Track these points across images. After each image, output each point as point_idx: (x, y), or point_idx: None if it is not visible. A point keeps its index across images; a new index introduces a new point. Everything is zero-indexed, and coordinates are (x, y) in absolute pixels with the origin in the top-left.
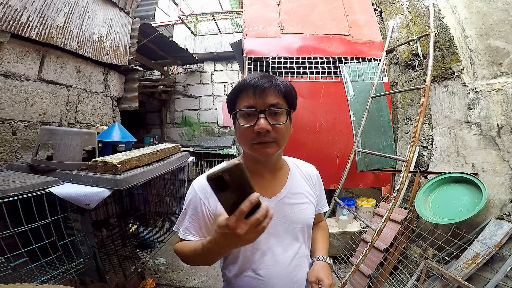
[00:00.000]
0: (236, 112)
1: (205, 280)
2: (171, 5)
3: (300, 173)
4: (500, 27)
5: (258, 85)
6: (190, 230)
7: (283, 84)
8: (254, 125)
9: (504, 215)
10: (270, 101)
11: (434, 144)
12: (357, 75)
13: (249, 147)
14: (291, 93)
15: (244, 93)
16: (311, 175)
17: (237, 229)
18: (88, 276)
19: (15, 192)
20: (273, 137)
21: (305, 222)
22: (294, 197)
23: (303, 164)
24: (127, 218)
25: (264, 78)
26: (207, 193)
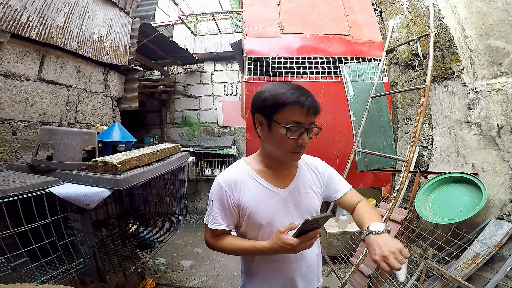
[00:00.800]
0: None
1: (205, 280)
2: (171, 5)
3: (306, 166)
4: (500, 27)
5: (312, 106)
6: (218, 220)
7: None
8: (298, 139)
9: (504, 215)
10: (313, 119)
11: (434, 144)
12: (357, 75)
13: (284, 153)
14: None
15: (296, 108)
16: (316, 166)
17: (296, 249)
18: (88, 276)
19: (15, 192)
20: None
21: (314, 208)
22: (302, 187)
23: (309, 158)
24: (127, 218)
25: (312, 97)
26: (231, 186)
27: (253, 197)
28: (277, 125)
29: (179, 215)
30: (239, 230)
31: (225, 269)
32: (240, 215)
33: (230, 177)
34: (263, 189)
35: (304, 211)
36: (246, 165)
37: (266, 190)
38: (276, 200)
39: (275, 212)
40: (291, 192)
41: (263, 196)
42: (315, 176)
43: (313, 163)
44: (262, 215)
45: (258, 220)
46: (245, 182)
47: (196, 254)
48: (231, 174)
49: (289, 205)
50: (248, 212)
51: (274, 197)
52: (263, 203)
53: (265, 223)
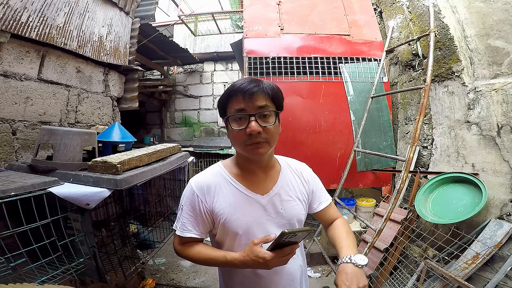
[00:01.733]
0: (228, 116)
1: (205, 280)
2: (171, 5)
3: (291, 171)
4: (500, 27)
5: (247, 90)
6: (187, 226)
7: (270, 87)
8: (246, 128)
9: (504, 215)
10: (259, 104)
11: (434, 144)
12: (357, 75)
13: (242, 148)
14: (278, 95)
15: (234, 98)
16: (302, 172)
17: (270, 263)
18: (88, 276)
19: (15, 192)
20: (264, 138)
21: (296, 217)
22: (285, 194)
23: (294, 162)
24: (127, 218)
25: (252, 82)
26: (203, 190)
27: (229, 203)
28: (227, 121)
29: None
30: (214, 238)
31: None
32: (214, 222)
33: (203, 180)
34: (240, 194)
35: (285, 221)
36: (223, 167)
37: (243, 196)
38: (254, 207)
39: (252, 220)
40: (272, 199)
41: (239, 202)
42: (300, 182)
43: (298, 168)
44: (238, 223)
45: (233, 228)
46: (220, 186)
47: None
48: (205, 177)
49: (270, 213)
50: (223, 220)
51: (252, 204)
52: (239, 210)
53: (241, 232)
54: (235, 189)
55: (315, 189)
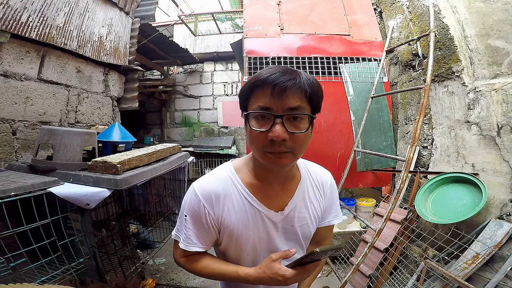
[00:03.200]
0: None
1: (205, 280)
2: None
3: (311, 181)
4: (500, 27)
5: (278, 83)
6: (192, 239)
7: (309, 82)
8: (269, 131)
9: (504, 215)
10: (291, 103)
11: (434, 144)
12: (357, 75)
13: (260, 154)
14: (317, 93)
15: (260, 90)
16: (324, 184)
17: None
18: (88, 276)
19: (15, 192)
20: (290, 147)
21: (305, 235)
22: (299, 211)
23: (317, 171)
24: (127, 218)
25: (286, 74)
26: (212, 200)
27: (238, 217)
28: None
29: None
30: (219, 247)
31: None
32: (220, 233)
33: (210, 188)
34: (251, 209)
35: (294, 236)
36: (235, 173)
37: (255, 211)
38: (265, 224)
39: (262, 238)
40: (286, 217)
41: (250, 218)
42: (318, 197)
43: (320, 179)
44: (247, 241)
45: (240, 244)
46: (230, 196)
47: None
48: (213, 184)
49: (280, 229)
50: (231, 234)
51: (264, 221)
52: (249, 226)
53: (248, 247)
54: (247, 202)
55: (330, 205)
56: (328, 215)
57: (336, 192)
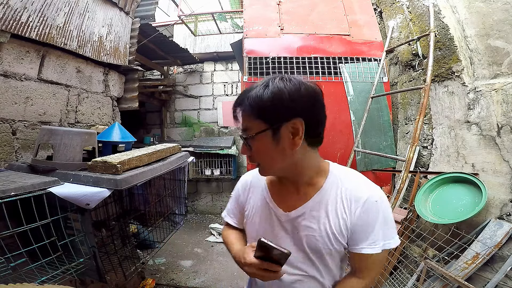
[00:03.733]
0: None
1: (205, 280)
2: (171, 5)
3: (337, 194)
4: (500, 27)
5: (232, 112)
6: (228, 212)
7: (253, 101)
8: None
9: (504, 215)
10: (243, 126)
11: (434, 144)
12: (357, 75)
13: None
14: (268, 107)
15: None
16: (353, 200)
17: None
18: (88, 276)
19: (15, 192)
20: (257, 161)
21: (313, 248)
22: (310, 219)
23: (353, 185)
24: (127, 218)
25: (237, 99)
26: (245, 187)
27: (253, 207)
28: None
29: (179, 215)
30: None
31: (225, 269)
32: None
33: (248, 178)
34: (264, 203)
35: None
36: None
37: (266, 206)
38: (271, 220)
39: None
40: (293, 220)
41: (261, 210)
42: (341, 211)
43: (351, 193)
44: (253, 228)
45: (248, 230)
46: (256, 188)
47: (196, 254)
48: (252, 176)
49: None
50: (246, 218)
51: (271, 216)
52: (258, 216)
53: (254, 235)
54: (263, 197)
55: (361, 228)
56: (358, 240)
57: (375, 215)
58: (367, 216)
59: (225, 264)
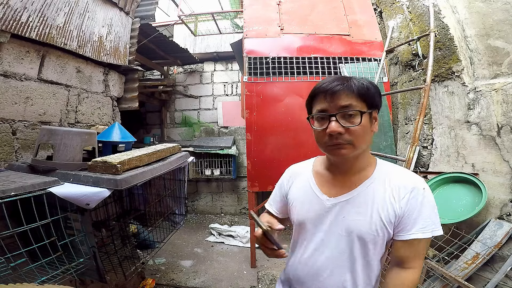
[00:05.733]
0: (309, 116)
1: (205, 280)
2: (171, 5)
3: (386, 182)
4: (500, 27)
5: (328, 89)
6: (270, 201)
7: (358, 84)
8: (326, 128)
9: (504, 215)
10: (341, 103)
11: (434, 144)
12: (357, 75)
13: (324, 148)
14: (369, 92)
15: (317, 98)
16: (402, 187)
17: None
18: (88, 276)
19: (15, 192)
20: (347, 139)
21: (357, 233)
22: (357, 204)
23: (400, 175)
24: (127, 218)
25: (336, 80)
26: (291, 176)
27: (298, 195)
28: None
29: (179, 215)
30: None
31: (225, 269)
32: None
33: (295, 168)
34: (309, 190)
35: (344, 232)
36: (312, 162)
37: (311, 192)
38: (316, 206)
39: (310, 217)
40: (338, 205)
41: (306, 196)
42: (390, 198)
43: (400, 182)
44: (298, 213)
45: (292, 215)
46: (300, 177)
47: (196, 254)
48: (298, 166)
49: (329, 216)
50: (291, 205)
51: (315, 202)
52: (302, 203)
53: (297, 222)
54: (308, 185)
55: (411, 213)
56: (407, 226)
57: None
58: (415, 202)
59: (225, 264)
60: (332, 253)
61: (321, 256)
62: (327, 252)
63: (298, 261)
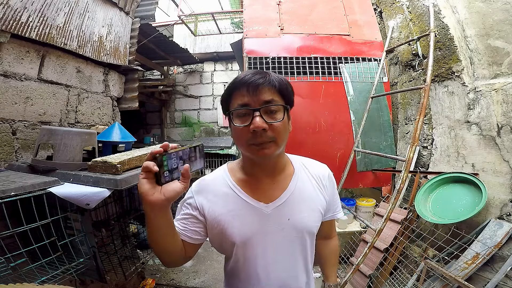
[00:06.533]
0: (230, 111)
1: (205, 280)
2: (171, 5)
3: (307, 174)
4: (500, 27)
5: (251, 82)
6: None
7: (278, 79)
8: (250, 124)
9: (504, 215)
10: (265, 97)
11: (434, 144)
12: (357, 75)
13: (245, 148)
14: (287, 88)
15: (238, 91)
16: (321, 177)
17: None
18: (88, 276)
19: (15, 192)
20: (270, 137)
21: (307, 229)
22: (296, 202)
23: (313, 164)
24: (127, 218)
25: (257, 74)
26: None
27: (227, 211)
28: (230, 117)
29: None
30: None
31: None
32: (208, 224)
33: (203, 183)
34: (240, 202)
35: (294, 233)
36: (227, 171)
37: (244, 203)
38: (256, 217)
39: (253, 231)
40: (278, 209)
41: (239, 210)
42: (317, 188)
43: (317, 171)
44: (236, 233)
45: (230, 237)
46: (220, 191)
47: (196, 254)
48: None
49: (274, 224)
50: (218, 225)
51: (254, 213)
52: (238, 219)
53: (238, 242)
54: (235, 196)
55: (332, 197)
56: (332, 208)
57: (335, 186)
58: (333, 187)
59: None
60: (289, 258)
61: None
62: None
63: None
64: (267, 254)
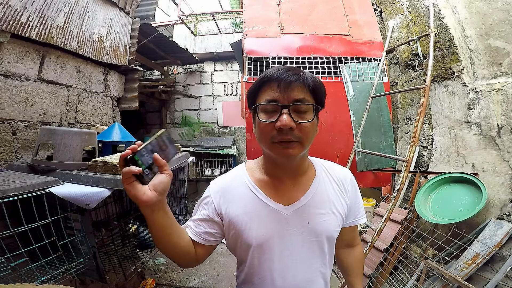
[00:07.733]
0: (256, 105)
1: (205, 280)
2: (171, 5)
3: (329, 177)
4: (500, 27)
5: (283, 78)
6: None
7: (312, 78)
8: (276, 121)
9: (504, 215)
10: (296, 96)
11: (434, 144)
12: (357, 75)
13: (268, 146)
14: (320, 89)
15: (267, 86)
16: (343, 181)
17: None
18: (88, 276)
19: (15, 192)
20: (297, 136)
21: (326, 234)
22: (316, 205)
23: (334, 167)
24: (127, 218)
25: (290, 70)
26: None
27: (244, 212)
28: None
29: (179, 215)
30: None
31: (225, 269)
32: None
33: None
34: (259, 203)
35: (313, 237)
36: (245, 170)
37: (263, 205)
38: (274, 219)
39: (270, 233)
40: (298, 212)
41: (257, 212)
42: (338, 192)
43: (339, 175)
44: (253, 235)
45: (246, 239)
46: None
47: None
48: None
49: (294, 227)
50: (236, 226)
51: (272, 215)
52: (256, 220)
53: (255, 244)
54: (254, 196)
55: (354, 202)
56: (355, 213)
57: (358, 190)
58: (355, 192)
59: (225, 264)
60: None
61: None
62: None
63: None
64: (284, 258)
